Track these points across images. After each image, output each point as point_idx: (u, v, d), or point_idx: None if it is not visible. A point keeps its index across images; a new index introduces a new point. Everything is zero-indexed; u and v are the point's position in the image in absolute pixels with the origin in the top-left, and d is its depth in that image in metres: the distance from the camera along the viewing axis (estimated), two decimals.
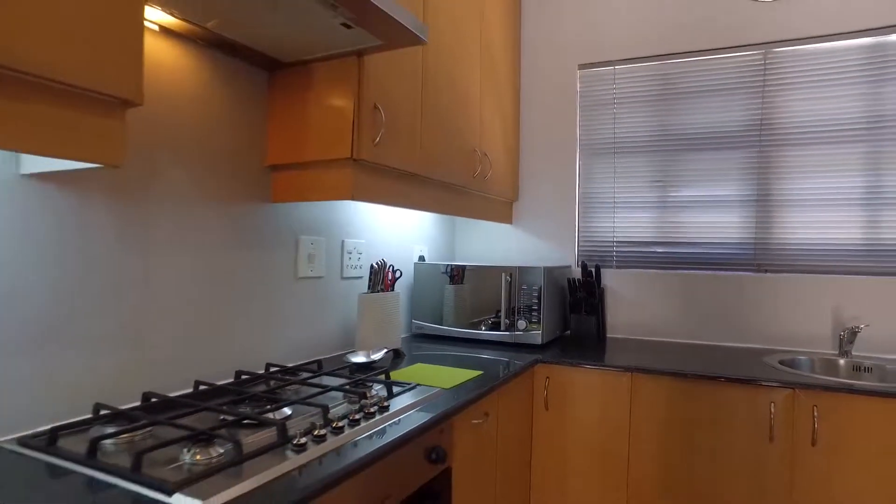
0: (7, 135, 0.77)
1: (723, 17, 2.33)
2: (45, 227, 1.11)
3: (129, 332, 1.26)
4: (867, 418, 1.61)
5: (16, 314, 1.06)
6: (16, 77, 0.77)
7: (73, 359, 1.15)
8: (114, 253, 1.23)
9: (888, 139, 2.10)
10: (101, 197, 1.21)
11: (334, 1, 1.18)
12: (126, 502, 0.81)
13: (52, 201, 1.12)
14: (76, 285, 1.16)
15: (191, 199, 1.40)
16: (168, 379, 1.35)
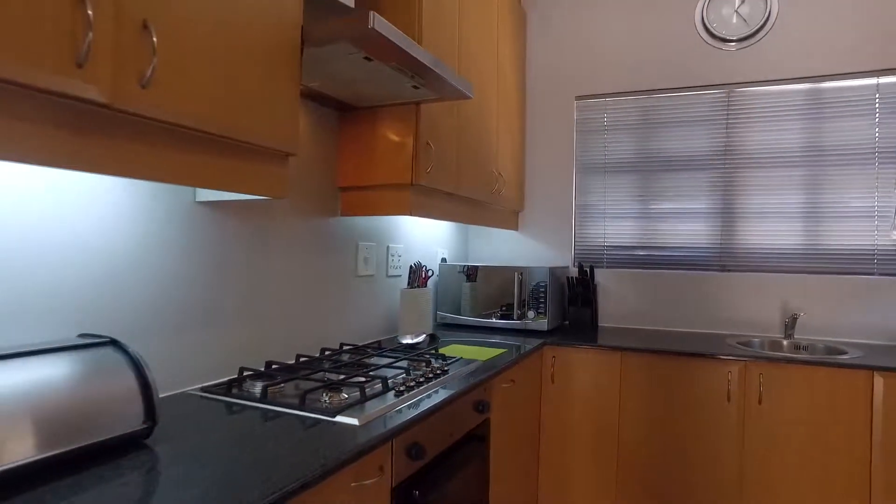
0: (216, 180, 1.20)
1: (695, 62, 2.82)
2: (210, 240, 1.54)
3: (254, 316, 1.70)
4: (797, 382, 2.11)
5: (189, 303, 1.49)
6: (226, 142, 1.21)
7: (223, 334, 1.59)
8: (248, 258, 1.67)
9: (823, 165, 2.61)
10: (244, 217, 1.64)
11: (412, 73, 1.63)
12: (299, 424, 1.25)
13: (216, 221, 1.55)
14: (225, 282, 1.59)
15: (290, 216, 1.84)
16: (278, 351, 1.79)
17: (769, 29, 2.68)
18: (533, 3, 3.13)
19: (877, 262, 2.54)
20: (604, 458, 2.39)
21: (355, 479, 1.13)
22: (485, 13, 2.48)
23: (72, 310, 1.20)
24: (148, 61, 0.96)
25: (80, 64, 0.85)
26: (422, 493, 1.37)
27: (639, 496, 2.33)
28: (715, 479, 2.22)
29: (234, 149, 1.21)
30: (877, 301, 2.52)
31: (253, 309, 1.70)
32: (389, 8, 1.93)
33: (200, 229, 1.52)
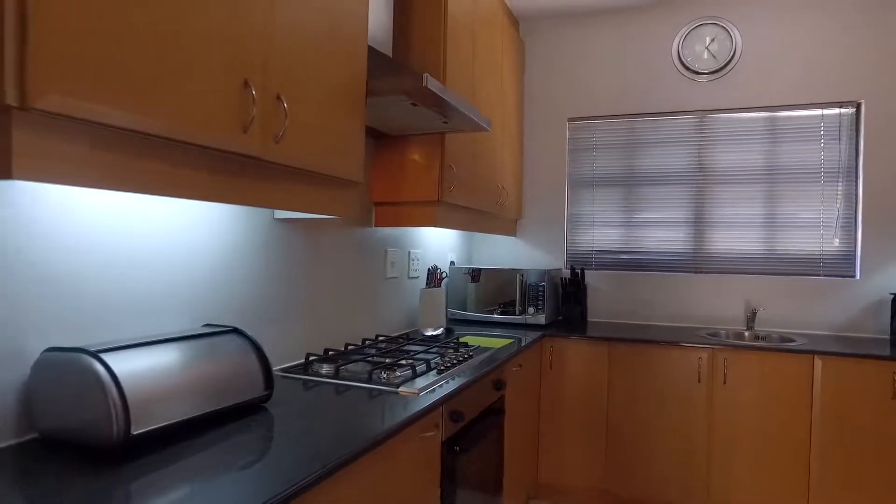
0: (310, 205, 1.56)
1: (672, 91, 3.24)
2: (282, 250, 1.90)
3: (312, 311, 2.06)
4: (755, 364, 2.54)
5: (268, 300, 1.85)
6: (320, 176, 1.58)
7: (292, 326, 1.94)
8: (308, 264, 2.03)
9: (778, 182, 3.06)
10: (307, 231, 2.00)
11: (442, 116, 2.00)
12: (368, 394, 1.61)
13: (287, 235, 1.91)
14: (292, 283, 1.95)
15: (337, 228, 2.20)
16: (331, 340, 2.15)
17: (734, 65, 3.11)
18: (531, 33, 3.52)
19: (822, 265, 2.99)
20: (594, 432, 2.79)
21: (421, 432, 1.50)
22: (492, 47, 2.86)
23: (187, 305, 1.55)
24: (281, 124, 1.32)
25: (245, 129, 1.22)
26: (461, 449, 1.75)
27: (624, 464, 2.74)
28: (688, 445, 2.64)
29: (323, 181, 1.58)
30: (821, 298, 2.97)
31: (312, 305, 2.06)
32: (418, 52, 2.30)
33: (275, 241, 1.87)
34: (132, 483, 0.95)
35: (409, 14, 2.33)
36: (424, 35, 2.31)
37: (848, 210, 2.98)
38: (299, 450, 1.13)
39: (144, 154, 1.03)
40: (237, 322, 1.71)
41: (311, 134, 1.45)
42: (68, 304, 1.22)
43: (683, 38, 3.20)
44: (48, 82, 0.83)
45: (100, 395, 1.06)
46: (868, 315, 2.90)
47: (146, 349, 1.22)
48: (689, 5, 3.20)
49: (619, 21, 3.34)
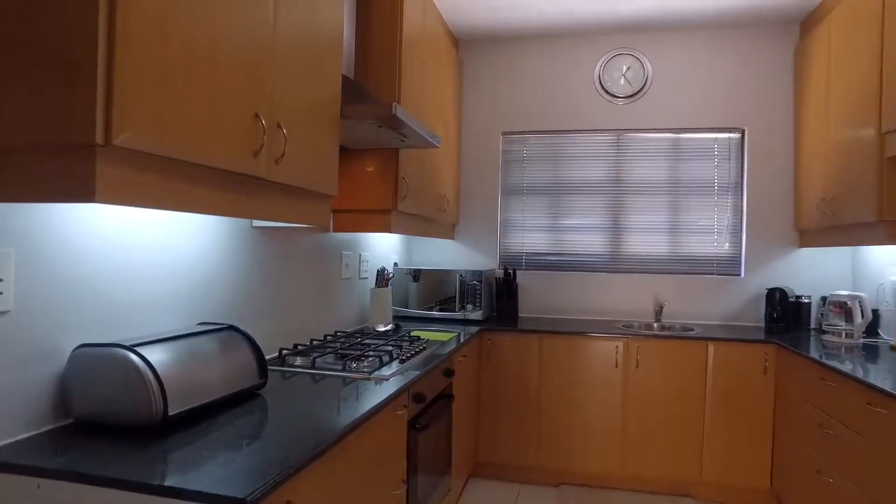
0: (297, 217, 1.78)
1: (594, 111, 3.66)
2: (260, 255, 2.10)
3: (282, 309, 2.26)
4: (662, 351, 2.99)
5: (246, 299, 2.04)
6: (306, 192, 1.80)
7: (265, 323, 2.14)
8: (279, 267, 2.23)
9: (681, 194, 3.55)
10: (278, 237, 2.20)
11: (401, 135, 2.27)
12: (342, 382, 1.85)
13: (263, 240, 2.11)
14: (266, 284, 2.15)
15: (302, 234, 2.41)
16: (297, 336, 2.36)
17: (646, 91, 3.57)
18: (469, 53, 3.84)
19: (715, 265, 3.51)
20: (526, 414, 3.15)
21: (394, 410, 1.77)
22: (437, 66, 3.14)
23: (184, 306, 1.73)
24: (281, 148, 1.54)
25: (255, 154, 1.43)
26: (421, 426, 2.02)
27: (553, 441, 3.12)
28: (607, 422, 3.05)
29: (306, 195, 1.80)
30: (714, 293, 3.49)
31: (282, 304, 2.26)
32: (376, 70, 2.55)
33: (253, 247, 2.07)
34: (176, 452, 1.16)
35: (368, 34, 2.57)
36: (382, 54, 2.55)
37: (735, 219, 3.52)
38: (303, 425, 1.37)
39: (185, 178, 1.23)
40: (224, 320, 1.90)
41: (301, 155, 1.67)
42: (87, 307, 1.38)
43: (604, 65, 3.62)
44: (124, 125, 1.03)
45: (140, 381, 1.25)
46: (749, 307, 3.45)
47: (166, 344, 1.41)
48: (609, 36, 3.63)
49: (549, 46, 3.72)
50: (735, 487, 2.96)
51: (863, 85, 2.57)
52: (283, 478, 1.07)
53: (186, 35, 1.18)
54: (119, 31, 1.01)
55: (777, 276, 3.43)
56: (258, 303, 2.10)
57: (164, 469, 1.07)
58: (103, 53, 1.00)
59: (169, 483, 1.00)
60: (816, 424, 2.39)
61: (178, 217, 1.70)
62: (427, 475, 2.17)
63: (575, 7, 3.27)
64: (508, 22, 3.51)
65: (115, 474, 1.03)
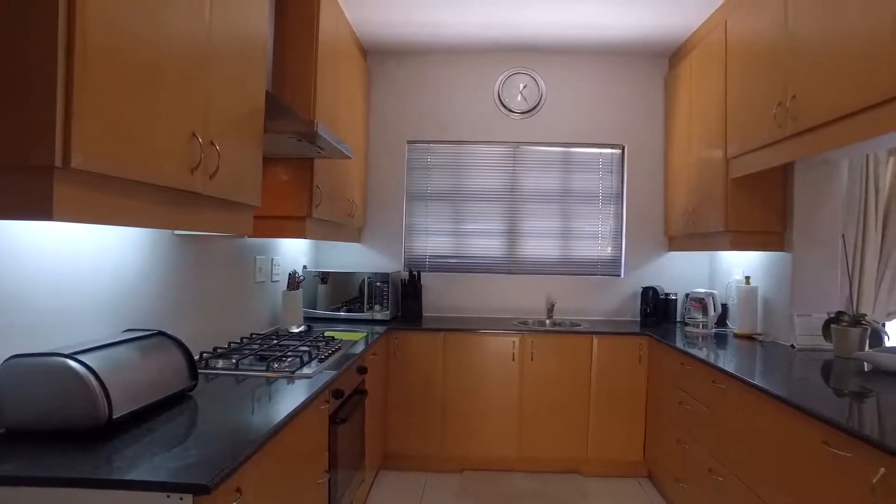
0: (226, 226, 1.88)
1: (493, 124, 3.95)
2: (181, 262, 2.14)
3: (202, 314, 2.31)
4: (553, 345, 3.33)
5: (170, 308, 2.09)
6: (234, 204, 1.90)
7: (186, 326, 2.19)
8: (198, 272, 2.28)
9: (571, 202, 3.94)
10: (198, 243, 2.25)
11: (318, 148, 2.39)
12: (266, 382, 1.97)
13: (185, 248, 2.15)
14: (188, 291, 2.20)
15: (220, 240, 2.47)
16: (216, 339, 2.41)
17: (540, 108, 3.92)
18: (376, 64, 3.99)
19: (599, 267, 3.94)
20: (432, 406, 3.38)
21: (318, 405, 1.91)
22: (348, 76, 3.28)
23: (107, 314, 1.76)
24: (215, 164, 1.64)
25: (192, 171, 1.52)
26: (340, 420, 2.17)
27: (457, 430, 3.37)
28: (506, 411, 3.35)
29: (234, 206, 1.89)
30: (598, 292, 3.91)
31: (201, 309, 2.31)
32: (293, 80, 2.65)
33: (174, 254, 2.11)
34: (127, 451, 1.24)
35: (284, 46, 2.66)
36: (299, 66, 2.66)
37: (616, 225, 3.96)
38: (241, 421, 1.49)
39: (132, 195, 1.31)
40: (147, 326, 1.94)
41: (231, 170, 1.77)
42: (12, 318, 1.41)
43: (503, 83, 3.93)
44: (81, 147, 1.11)
45: (84, 387, 1.32)
46: (628, 303, 3.91)
47: (102, 351, 1.47)
48: (508, 56, 3.94)
49: (454, 61, 3.97)
50: (615, 461, 3.37)
51: (714, 116, 3.04)
52: (235, 466, 1.19)
53: (135, 52, 1.26)
54: (78, 53, 1.07)
55: (650, 276, 3.91)
56: (179, 308, 2.15)
57: (121, 466, 1.15)
58: (62, 77, 1.06)
59: (130, 477, 1.10)
60: (677, 402, 2.81)
61: (101, 226, 1.73)
62: (345, 466, 2.32)
63: (478, 28, 3.54)
64: (416, 37, 3.71)
65: (75, 474, 1.10)
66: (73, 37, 1.07)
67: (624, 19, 3.33)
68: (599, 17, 3.32)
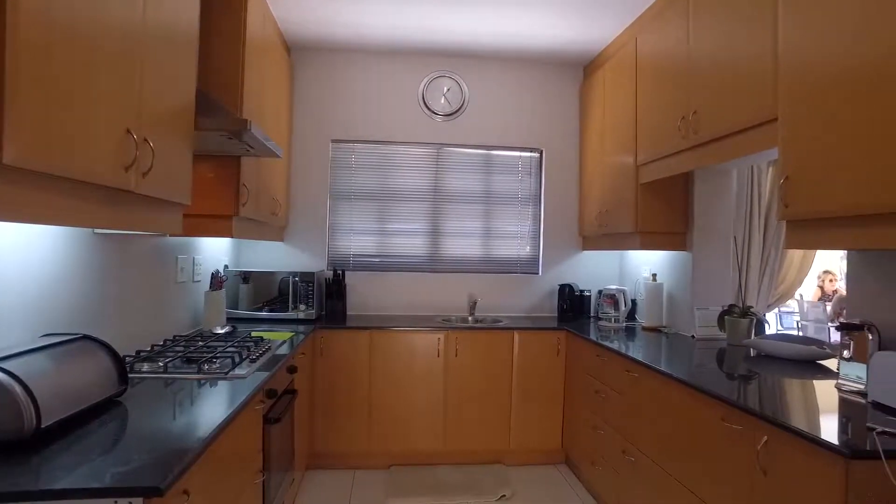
0: (157, 225, 1.83)
1: (417, 125, 4.03)
2: (101, 262, 2.05)
3: (123, 316, 2.22)
4: (476, 340, 3.46)
5: (90, 310, 2.00)
6: (166, 202, 1.85)
7: (108, 331, 2.10)
8: (119, 273, 2.19)
9: (492, 203, 4.09)
10: (120, 242, 2.16)
11: (248, 146, 2.37)
12: (197, 384, 1.93)
13: (106, 247, 2.06)
14: (109, 292, 2.11)
15: (142, 239, 2.37)
16: (138, 341, 2.32)
17: (463, 112, 4.04)
18: (300, 60, 3.95)
19: (518, 265, 4.12)
20: (360, 404, 3.40)
21: (253, 406, 1.90)
22: (274, 71, 3.23)
23: (22, 317, 1.67)
24: (149, 162, 1.60)
25: (126, 169, 1.48)
26: (274, 420, 2.17)
27: (384, 427, 3.41)
28: (432, 406, 3.44)
29: (165, 205, 1.84)
30: (518, 289, 4.09)
31: (122, 310, 2.22)
32: (217, 81, 2.59)
33: (94, 254, 2.02)
34: (61, 459, 1.20)
35: (210, 40, 2.58)
36: (225, 61, 2.60)
37: (535, 226, 4.16)
38: (181, 425, 1.48)
39: (66, 193, 1.27)
40: (67, 329, 1.84)
41: (163, 168, 1.73)
42: None
43: (427, 85, 4.01)
44: (15, 143, 1.07)
45: (7, 396, 1.25)
46: (546, 300, 4.12)
47: (24, 358, 1.40)
48: (433, 59, 4.02)
49: (379, 62, 4.00)
50: (535, 450, 3.55)
51: (625, 125, 3.28)
52: (185, 467, 1.19)
53: (69, 43, 1.22)
54: (8, 45, 1.03)
55: (566, 273, 4.14)
56: (98, 310, 2.06)
57: (59, 476, 1.12)
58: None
59: (72, 486, 1.07)
60: (593, 391, 3.02)
61: (12, 225, 1.64)
62: (278, 466, 2.32)
63: (402, 31, 3.60)
64: (340, 36, 3.71)
65: (9, 488, 1.06)
66: (2, 28, 1.03)
67: (542, 30, 3.51)
68: (519, 27, 3.48)
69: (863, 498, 1.32)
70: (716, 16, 2.40)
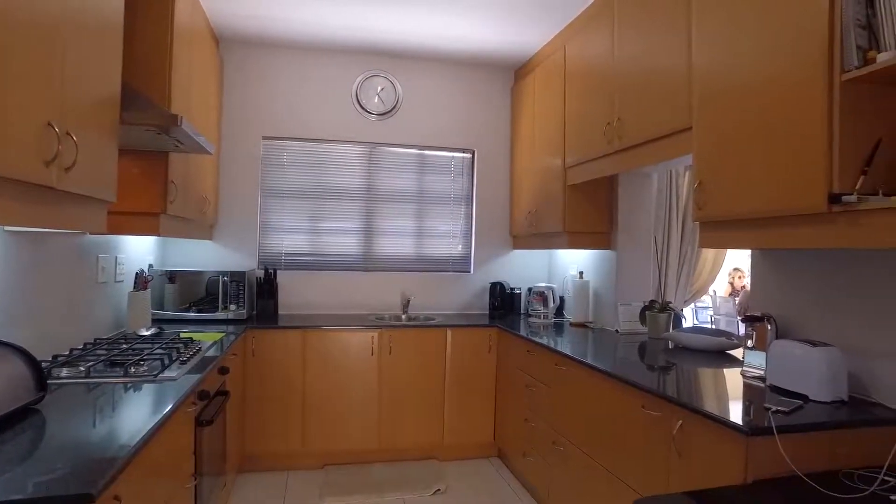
0: (68, 223, 1.75)
1: (351, 124, 4.01)
2: (14, 262, 1.94)
3: (37, 318, 2.10)
4: (410, 338, 3.50)
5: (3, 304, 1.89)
6: (91, 199, 1.78)
7: (22, 335, 1.98)
8: (33, 273, 2.07)
9: (425, 203, 4.14)
10: (34, 240, 2.04)
11: (178, 142, 2.30)
12: (124, 389, 1.87)
13: (18, 245, 1.95)
14: (22, 294, 1.99)
15: (54, 235, 2.25)
16: (55, 346, 2.20)
17: (397, 111, 4.06)
18: (230, 53, 3.84)
19: (451, 264, 4.19)
20: (293, 404, 3.36)
21: (185, 409, 1.86)
22: (202, 63, 3.13)
23: None
24: (72, 157, 1.53)
25: (47, 164, 1.42)
26: (206, 423, 2.12)
27: (319, 426, 3.39)
28: (366, 404, 3.45)
29: (89, 202, 1.77)
30: (450, 287, 4.16)
31: (37, 312, 2.10)
32: (143, 73, 2.49)
33: (4, 252, 1.91)
34: None
35: (134, 29, 2.48)
36: (152, 52, 2.50)
37: (466, 225, 4.24)
38: (108, 430, 1.43)
39: None
40: None
41: (87, 163, 1.66)
42: None
43: (361, 84, 4.00)
44: None
45: None
46: (477, 298, 4.21)
47: None
48: (367, 58, 4.02)
49: (312, 59, 3.95)
50: (468, 445, 3.63)
51: (554, 128, 3.42)
52: (117, 471, 1.17)
53: None
54: None
55: (497, 272, 4.25)
56: (12, 313, 1.94)
57: None
58: None
59: None
60: (524, 385, 3.13)
61: None
62: (210, 469, 2.27)
63: (336, 29, 3.58)
64: (273, 30, 3.64)
65: None
66: None
67: (474, 33, 3.60)
68: (452, 29, 3.54)
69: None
70: (638, 29, 2.55)
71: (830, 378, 1.71)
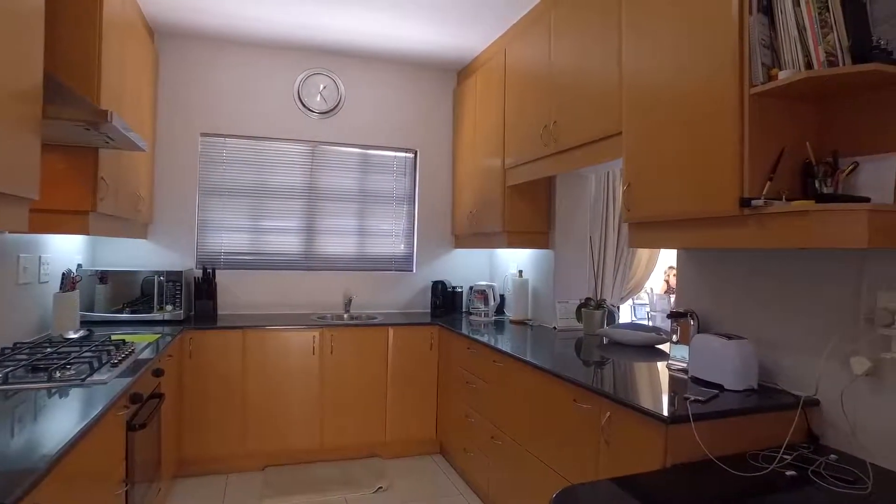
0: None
1: (293, 122, 3.97)
2: None
3: None
4: (352, 337, 3.50)
5: None
6: (1, 195, 1.71)
7: None
8: None
9: (368, 202, 4.14)
10: None
11: (108, 138, 2.23)
12: (48, 394, 1.81)
13: None
14: None
15: None
16: None
17: (339, 110, 4.05)
18: (165, 46, 3.73)
19: (393, 263, 4.22)
20: (233, 406, 3.31)
21: (115, 413, 1.81)
22: (135, 55, 3.03)
23: None
24: None
25: None
26: (138, 426, 2.07)
27: (259, 427, 3.35)
28: (308, 404, 3.43)
29: (7, 199, 1.70)
30: (393, 286, 4.19)
31: None
32: (67, 64, 2.39)
33: None
34: None
35: (60, 17, 2.37)
36: (78, 42, 2.39)
37: (409, 224, 4.27)
38: (27, 437, 1.39)
39: None
40: None
41: (4, 159, 1.59)
42: None
43: (303, 82, 3.97)
44: None
45: None
46: (419, 296, 4.25)
47: None
48: (309, 56, 3.99)
49: (254, 55, 3.89)
50: (411, 441, 3.67)
51: (494, 129, 3.49)
52: (37, 478, 1.14)
53: None
54: None
55: (439, 271, 4.30)
56: None
57: None
58: None
59: None
60: (464, 382, 3.19)
61: None
62: (142, 475, 2.21)
63: (277, 25, 3.54)
64: (212, 24, 3.56)
65: None
66: None
67: (418, 34, 3.63)
68: (394, 30, 3.57)
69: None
70: (573, 37, 2.65)
71: (743, 369, 1.84)
